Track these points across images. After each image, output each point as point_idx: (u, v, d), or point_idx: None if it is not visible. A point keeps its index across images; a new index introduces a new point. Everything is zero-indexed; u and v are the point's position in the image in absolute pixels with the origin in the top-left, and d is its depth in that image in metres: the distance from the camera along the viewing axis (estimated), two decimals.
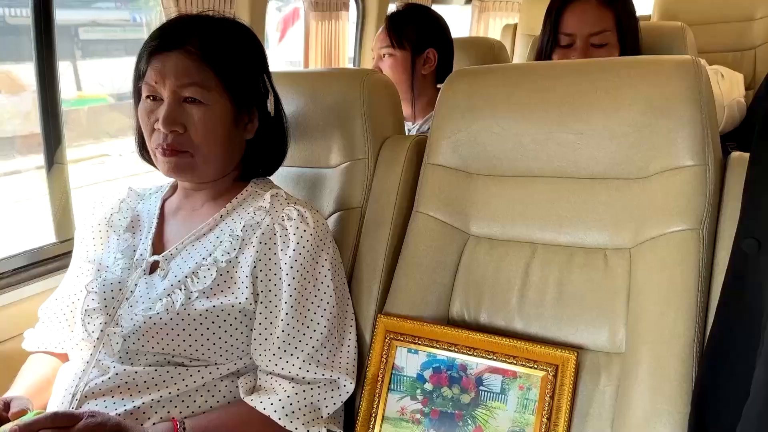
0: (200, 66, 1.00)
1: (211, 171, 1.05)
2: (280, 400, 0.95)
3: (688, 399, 0.84)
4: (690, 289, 0.89)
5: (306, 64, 2.50)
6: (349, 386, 1.01)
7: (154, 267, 1.05)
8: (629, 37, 1.48)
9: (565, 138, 1.03)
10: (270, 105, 1.09)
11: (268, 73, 1.10)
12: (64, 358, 1.12)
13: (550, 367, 0.94)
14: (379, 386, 1.03)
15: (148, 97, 1.02)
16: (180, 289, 0.99)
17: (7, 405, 0.95)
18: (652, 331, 0.89)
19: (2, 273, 1.30)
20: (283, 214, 1.03)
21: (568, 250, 1.02)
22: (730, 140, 1.64)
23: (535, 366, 0.95)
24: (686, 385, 0.85)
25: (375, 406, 1.02)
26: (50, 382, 1.07)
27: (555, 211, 1.04)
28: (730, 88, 1.75)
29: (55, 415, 0.88)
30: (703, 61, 1.01)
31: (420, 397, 1.01)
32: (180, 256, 1.04)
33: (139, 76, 1.03)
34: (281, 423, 0.94)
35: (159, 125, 0.99)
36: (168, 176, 1.06)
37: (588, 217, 1.01)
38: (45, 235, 1.46)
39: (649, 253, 0.94)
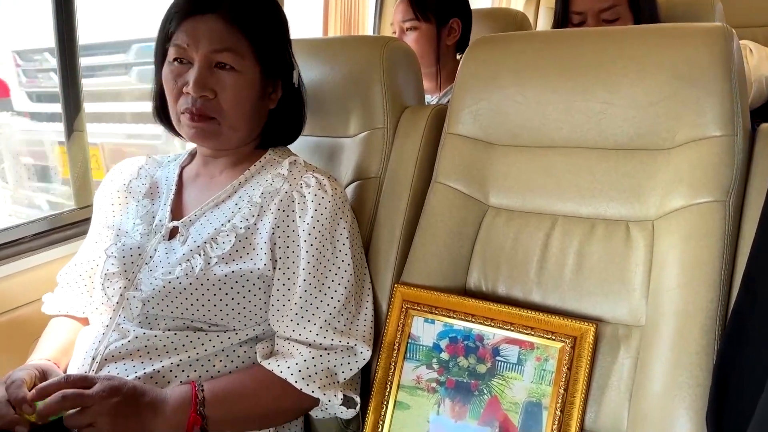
0: (234, 32, 0.99)
1: (234, 139, 1.04)
2: (297, 364, 0.95)
3: (709, 372, 0.82)
4: (714, 262, 0.87)
5: (325, 32, 2.47)
6: (366, 353, 1.01)
7: (173, 233, 1.05)
8: (645, 8, 1.45)
9: (589, 107, 1.01)
10: (295, 77, 1.09)
11: (291, 45, 1.09)
12: (84, 322, 1.14)
13: (568, 339, 0.93)
14: (395, 355, 1.03)
15: (176, 59, 1.00)
16: (199, 255, 0.99)
17: (42, 375, 0.97)
18: (674, 304, 0.88)
19: (22, 238, 1.31)
20: (302, 182, 1.03)
21: (590, 222, 1.01)
22: (757, 117, 1.60)
23: (553, 337, 0.95)
24: (707, 358, 0.84)
25: (391, 374, 1.02)
26: (72, 345, 1.08)
27: (577, 182, 1.02)
28: (758, 64, 1.71)
29: (68, 378, 0.89)
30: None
31: (436, 367, 1.01)
32: (199, 222, 1.04)
33: (166, 38, 1.02)
34: (298, 386, 0.94)
35: (189, 89, 0.98)
36: (191, 141, 1.05)
37: (611, 188, 0.99)
38: None
39: (673, 225, 0.92)
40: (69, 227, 1.38)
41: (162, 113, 1.09)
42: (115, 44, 2.91)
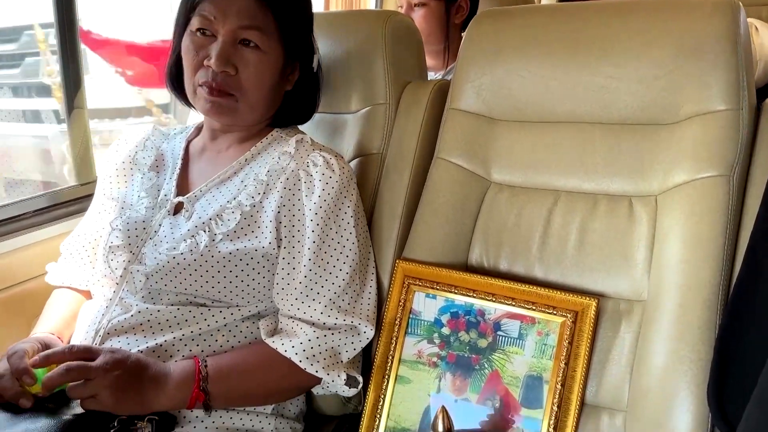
0: (263, 9, 0.98)
1: (249, 117, 1.04)
2: (301, 343, 0.96)
3: (711, 346, 0.82)
4: (718, 236, 0.87)
5: (326, 7, 2.45)
6: (369, 332, 1.01)
7: (178, 208, 1.05)
8: None
9: (593, 81, 1.00)
10: (315, 61, 1.08)
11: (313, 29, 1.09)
12: (87, 295, 1.14)
13: (570, 314, 0.93)
14: (396, 330, 1.03)
15: (199, 30, 0.99)
16: (204, 231, 0.99)
17: (45, 346, 0.97)
18: (677, 279, 0.88)
19: (24, 214, 1.31)
20: (309, 160, 1.02)
21: (592, 198, 1.00)
22: (762, 97, 1.59)
23: (554, 312, 0.95)
24: (709, 333, 0.84)
25: (392, 348, 1.03)
26: (75, 318, 1.09)
27: (580, 157, 1.01)
28: (764, 42, 1.69)
29: (72, 348, 0.90)
30: None
31: (437, 341, 1.01)
32: (204, 198, 1.04)
33: (191, 7, 1.00)
34: (302, 365, 0.94)
35: (210, 62, 0.97)
36: (205, 115, 1.05)
37: (614, 163, 0.99)
38: None
39: (676, 199, 0.92)
40: (71, 203, 1.38)
41: (176, 82, 1.08)
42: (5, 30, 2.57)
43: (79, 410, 0.88)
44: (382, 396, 1.01)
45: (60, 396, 0.89)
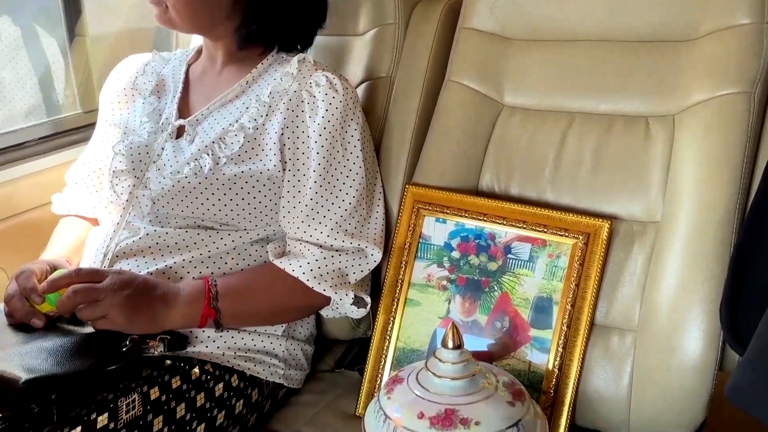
0: None
1: (188, 25, 1.00)
2: (308, 263, 0.95)
3: (725, 265, 0.82)
4: (736, 155, 0.85)
5: None
6: (377, 255, 1.01)
7: (180, 132, 1.03)
8: None
9: None
10: None
11: None
12: (94, 222, 1.13)
13: (582, 235, 0.92)
14: (406, 254, 1.03)
15: None
16: (207, 155, 0.97)
17: (53, 269, 0.97)
18: (692, 198, 0.86)
19: (27, 141, 1.29)
20: (311, 81, 1.00)
21: (608, 119, 0.98)
22: None
23: (566, 234, 0.94)
24: (724, 251, 0.83)
25: (402, 273, 1.02)
26: (83, 244, 1.09)
27: (596, 77, 0.99)
28: None
29: (79, 270, 0.90)
30: None
31: (447, 265, 1.01)
32: (206, 121, 1.02)
33: None
34: (309, 284, 0.94)
35: None
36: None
37: (631, 82, 0.96)
38: None
39: (694, 118, 0.90)
40: (74, 131, 1.36)
41: None
42: None
43: (91, 330, 0.88)
44: (392, 318, 1.01)
45: (72, 317, 0.90)
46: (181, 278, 0.96)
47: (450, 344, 0.79)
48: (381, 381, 0.99)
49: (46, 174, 1.29)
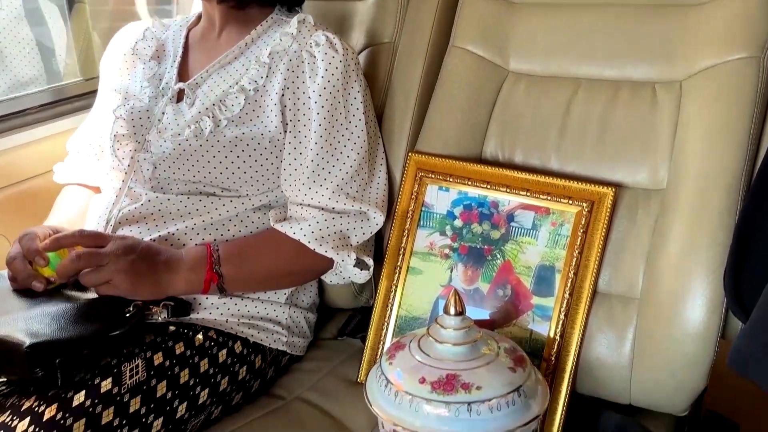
0: None
1: None
2: (309, 226, 0.95)
3: (730, 232, 0.81)
4: (744, 121, 0.84)
5: None
6: (379, 219, 1.00)
7: (180, 95, 1.02)
8: None
9: None
10: None
11: None
12: (96, 191, 1.13)
13: (586, 203, 0.92)
14: (408, 222, 1.02)
15: None
16: (208, 117, 0.97)
17: (56, 234, 0.96)
18: (698, 165, 0.85)
19: (29, 108, 1.29)
20: (311, 41, 0.98)
21: (614, 85, 0.96)
22: None
23: (570, 202, 0.93)
24: (729, 219, 0.82)
25: (404, 241, 1.02)
26: (85, 212, 1.08)
27: (603, 42, 0.97)
28: None
29: (82, 231, 0.90)
30: None
31: (449, 234, 1.00)
32: (206, 84, 1.01)
33: None
34: (311, 246, 0.94)
35: None
36: None
37: (638, 48, 0.94)
38: None
39: (702, 84, 0.88)
40: (76, 99, 1.35)
41: None
42: None
43: (94, 296, 0.89)
44: (394, 286, 1.01)
45: (76, 283, 0.90)
46: (184, 245, 0.96)
47: (452, 311, 0.79)
48: (383, 348, 1.00)
49: (48, 142, 1.29)
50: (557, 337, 0.90)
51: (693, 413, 0.87)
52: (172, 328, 0.90)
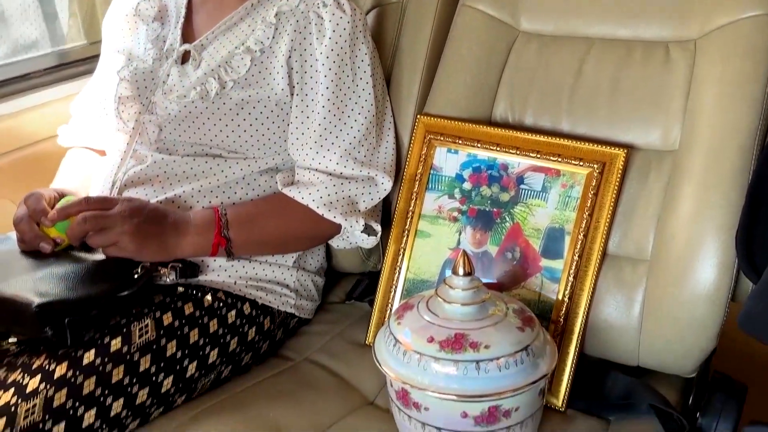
0: None
1: None
2: (318, 190, 0.95)
3: (743, 192, 0.80)
4: (759, 79, 0.82)
5: None
6: (387, 184, 1.00)
7: (185, 57, 1.01)
8: None
9: None
10: None
11: None
12: (101, 154, 1.12)
13: (597, 165, 0.91)
14: (416, 186, 1.02)
15: None
16: (214, 78, 0.96)
17: (62, 196, 0.96)
18: (712, 125, 0.84)
19: (33, 72, 1.27)
20: (318, 1, 0.97)
21: (627, 45, 0.94)
22: None
23: (581, 164, 0.92)
24: (742, 178, 0.81)
25: (412, 204, 1.01)
26: (91, 175, 1.08)
27: (616, 2, 0.95)
28: None
29: (88, 198, 0.89)
30: None
31: (458, 197, 0.99)
32: (212, 45, 0.99)
33: None
34: (319, 212, 0.94)
35: None
36: None
37: (652, 7, 0.92)
38: None
39: (716, 42, 0.86)
40: (80, 63, 1.34)
41: None
42: None
43: (102, 257, 0.89)
44: (402, 249, 1.01)
45: (83, 244, 0.90)
46: (190, 207, 0.95)
47: (461, 271, 0.78)
48: (391, 311, 1.00)
49: (53, 106, 1.28)
50: (566, 300, 0.90)
51: (701, 375, 0.87)
52: (180, 289, 0.90)
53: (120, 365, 0.80)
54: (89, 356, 0.79)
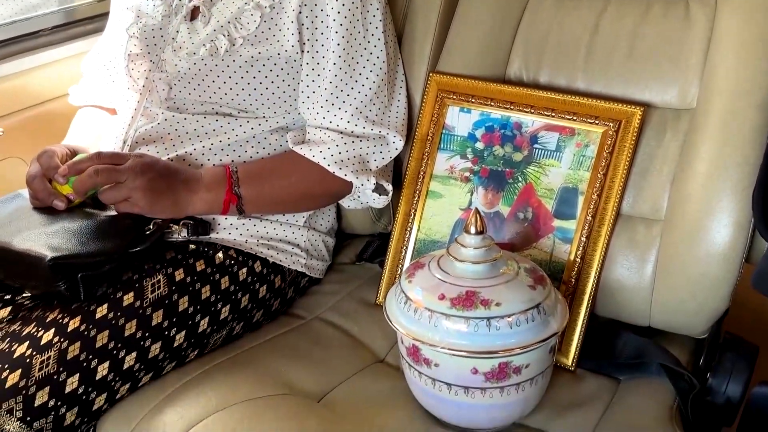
0: None
1: None
2: (329, 148, 0.94)
3: (761, 150, 0.79)
4: None
5: None
6: (398, 143, 0.99)
7: (194, 14, 0.99)
8: None
9: None
10: None
11: None
12: (112, 113, 1.12)
13: (613, 123, 0.89)
14: (428, 146, 1.01)
15: None
16: (223, 35, 0.94)
17: (73, 153, 0.96)
18: (730, 82, 0.82)
19: (41, 30, 1.26)
20: None
21: (645, 1, 0.92)
22: None
23: (596, 122, 0.90)
24: (760, 137, 0.80)
25: (424, 164, 1.01)
26: (102, 133, 1.08)
27: None
28: None
29: (100, 153, 0.89)
30: None
31: (470, 156, 0.98)
32: (221, 1, 0.98)
33: None
34: (330, 170, 0.93)
35: None
36: None
37: None
38: None
39: None
40: (89, 21, 1.33)
41: None
42: None
43: (114, 213, 0.89)
44: (413, 210, 1.00)
45: (95, 201, 0.90)
46: (201, 165, 0.95)
47: (473, 229, 0.78)
48: (401, 271, 1.00)
49: (62, 64, 1.27)
50: (578, 260, 0.89)
51: (713, 336, 0.87)
52: (192, 246, 0.91)
53: (133, 319, 0.81)
54: (102, 310, 0.80)
